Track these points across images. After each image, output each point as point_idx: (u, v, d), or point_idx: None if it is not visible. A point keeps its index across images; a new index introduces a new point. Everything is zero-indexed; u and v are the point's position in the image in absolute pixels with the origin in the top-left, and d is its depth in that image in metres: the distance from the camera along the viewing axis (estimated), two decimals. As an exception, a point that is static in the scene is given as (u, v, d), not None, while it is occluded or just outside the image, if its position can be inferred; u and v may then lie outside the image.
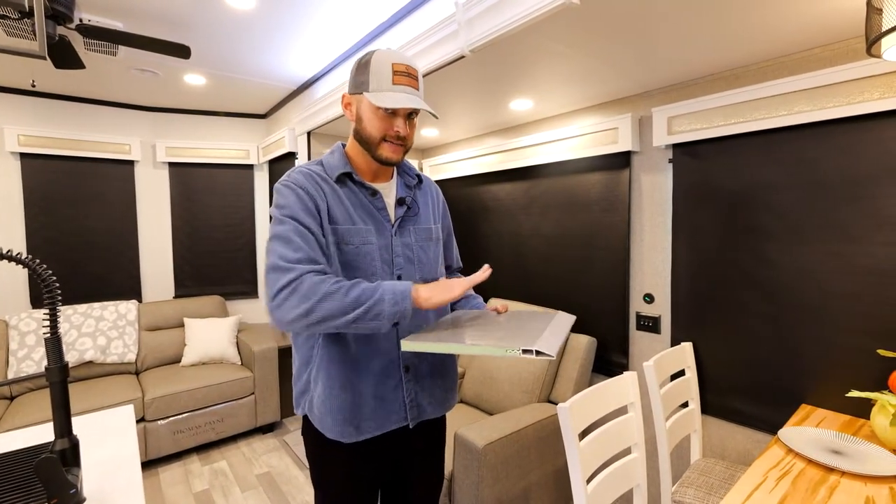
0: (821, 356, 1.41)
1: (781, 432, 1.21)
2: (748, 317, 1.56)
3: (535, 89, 1.80)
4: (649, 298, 1.85)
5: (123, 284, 3.02)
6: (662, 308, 1.82)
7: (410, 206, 1.09)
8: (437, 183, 2.94)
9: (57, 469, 0.76)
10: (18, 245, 2.68)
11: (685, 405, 1.68)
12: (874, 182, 1.29)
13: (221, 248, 3.31)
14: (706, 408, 1.69)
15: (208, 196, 3.27)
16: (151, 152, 3.10)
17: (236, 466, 2.49)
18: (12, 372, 2.39)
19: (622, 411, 1.31)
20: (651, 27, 1.24)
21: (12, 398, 2.43)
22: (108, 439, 1.16)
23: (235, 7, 1.75)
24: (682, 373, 1.66)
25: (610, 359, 1.99)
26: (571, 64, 1.52)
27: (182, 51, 1.87)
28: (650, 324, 1.85)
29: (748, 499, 0.96)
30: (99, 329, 2.66)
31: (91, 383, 2.54)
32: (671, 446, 1.48)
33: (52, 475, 0.75)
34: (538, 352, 0.75)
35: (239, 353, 2.96)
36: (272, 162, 3.28)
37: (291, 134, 2.77)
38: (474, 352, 0.80)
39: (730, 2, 1.10)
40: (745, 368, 1.58)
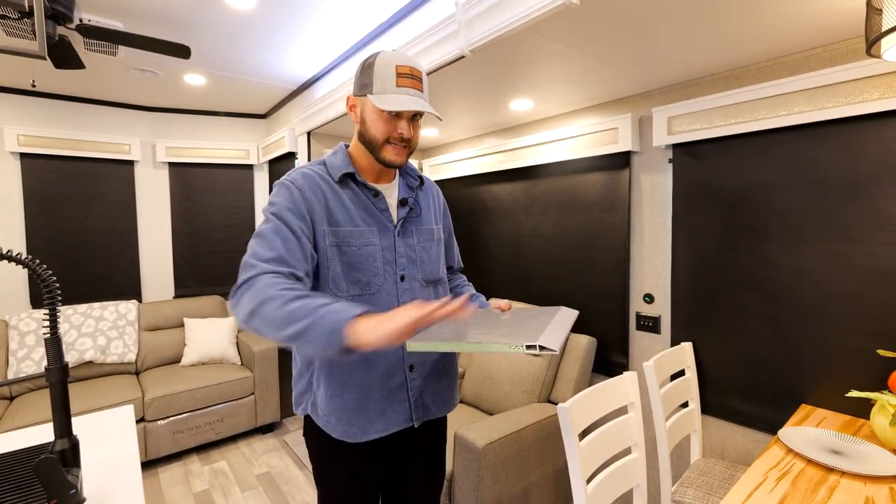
0: (821, 356, 1.41)
1: (781, 432, 1.21)
2: (748, 317, 1.56)
3: (535, 89, 1.80)
4: (649, 298, 1.85)
5: (123, 284, 3.02)
6: (662, 308, 1.82)
7: (413, 207, 1.09)
8: (437, 183, 2.93)
9: (57, 469, 0.76)
10: (18, 245, 2.68)
11: (685, 405, 1.68)
12: (874, 182, 1.29)
13: (221, 248, 3.31)
14: (706, 408, 1.69)
15: (208, 196, 3.26)
16: (151, 152, 3.10)
17: (236, 466, 2.49)
18: (12, 372, 2.39)
19: (622, 411, 1.31)
20: (651, 27, 1.24)
21: (12, 398, 2.43)
22: (108, 439, 1.16)
23: (235, 7, 1.75)
24: (682, 373, 1.66)
25: (610, 359, 1.99)
26: (571, 64, 1.52)
27: (182, 51, 1.87)
28: (650, 324, 1.85)
29: (748, 499, 0.96)
30: (99, 329, 2.66)
31: (91, 383, 2.54)
32: (671, 446, 1.48)
33: (52, 475, 0.75)
34: (542, 347, 0.75)
35: (239, 354, 2.96)
36: (272, 162, 3.28)
37: (291, 134, 2.77)
38: (479, 349, 0.81)
39: (730, 2, 1.10)
40: (745, 368, 1.58)
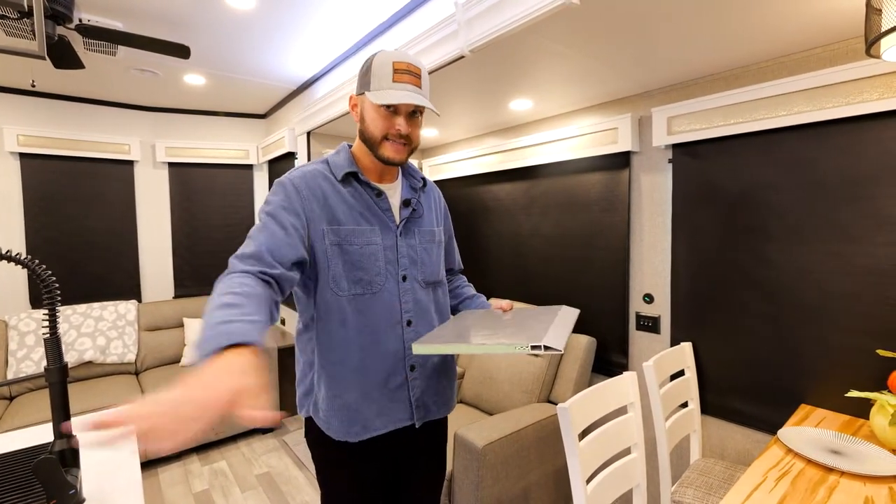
0: (820, 356, 1.41)
1: (781, 432, 1.21)
2: (748, 317, 1.56)
3: (535, 89, 1.80)
4: (649, 298, 1.85)
5: (123, 284, 3.02)
6: (662, 308, 1.82)
7: (416, 209, 1.09)
8: (437, 183, 2.94)
9: (56, 470, 0.76)
10: (18, 245, 2.68)
11: (685, 405, 1.68)
12: (874, 182, 1.29)
13: (221, 249, 3.31)
14: (706, 408, 1.69)
15: (208, 196, 3.26)
16: (151, 152, 3.10)
17: (236, 466, 2.49)
18: (11, 372, 2.39)
19: (622, 411, 1.31)
20: (651, 27, 1.24)
21: (11, 398, 2.43)
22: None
23: (235, 7, 1.75)
24: (682, 373, 1.66)
25: (610, 359, 1.99)
26: (571, 64, 1.52)
27: (182, 51, 1.87)
28: (650, 324, 1.85)
29: (748, 499, 0.96)
30: (98, 329, 2.66)
31: (90, 383, 2.53)
32: (671, 446, 1.48)
33: (52, 476, 0.75)
34: (547, 347, 0.76)
35: (239, 354, 2.96)
36: (272, 162, 3.28)
37: (291, 134, 2.77)
38: (484, 351, 0.81)
39: (730, 2, 1.10)
40: (745, 368, 1.58)
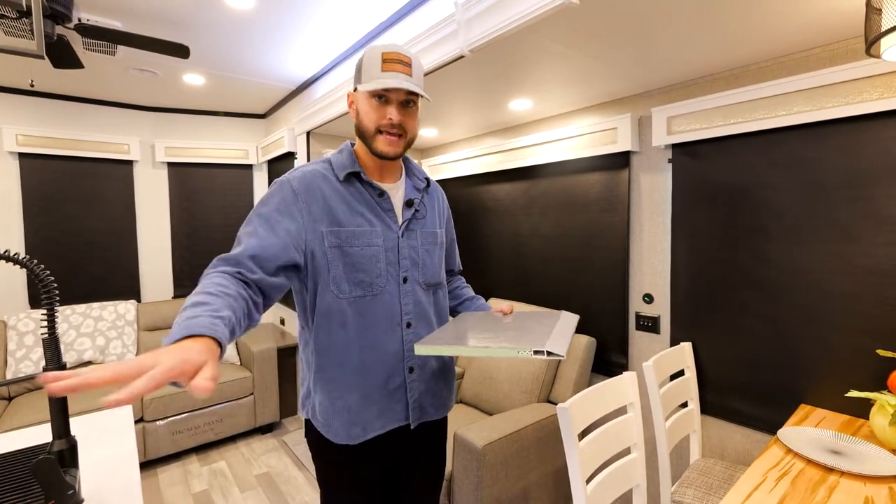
0: (820, 356, 1.41)
1: (781, 432, 1.21)
2: (748, 317, 1.56)
3: (535, 89, 1.80)
4: (649, 298, 1.85)
5: (122, 284, 3.01)
6: (662, 308, 1.82)
7: (418, 209, 1.08)
8: (437, 183, 2.93)
9: (55, 470, 0.75)
10: (17, 245, 2.68)
11: (684, 405, 1.68)
12: (873, 182, 1.29)
13: (221, 249, 3.30)
14: (705, 408, 1.69)
15: (207, 196, 3.26)
16: (150, 152, 3.10)
17: (235, 467, 2.49)
18: (10, 372, 2.38)
19: (622, 411, 1.31)
20: (651, 27, 1.24)
21: (10, 399, 2.42)
22: (107, 440, 1.16)
23: (234, 7, 1.74)
24: (682, 373, 1.66)
25: (609, 359, 1.99)
26: (571, 64, 1.52)
27: (181, 50, 1.86)
28: (649, 324, 1.85)
29: (747, 499, 0.96)
30: (98, 329, 2.66)
31: (90, 383, 2.53)
32: (671, 446, 1.48)
33: (50, 476, 0.75)
34: (550, 352, 0.76)
35: (238, 354, 2.96)
36: (271, 162, 3.28)
37: (291, 134, 2.77)
38: (486, 354, 0.82)
39: (730, 2, 1.10)
40: (745, 368, 1.58)
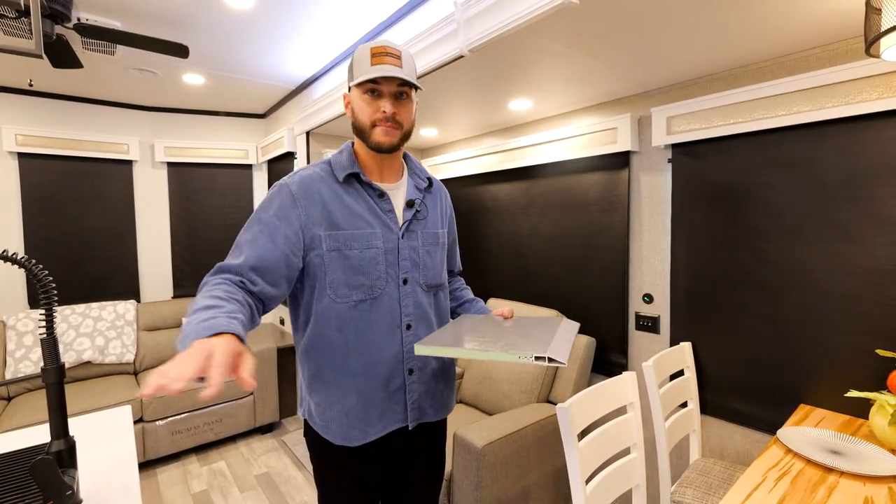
0: (820, 356, 1.41)
1: (780, 432, 1.21)
2: (747, 317, 1.56)
3: (534, 89, 1.80)
4: (648, 298, 1.85)
5: (122, 284, 3.01)
6: (661, 308, 1.81)
7: (419, 210, 1.07)
8: (440, 182, 2.93)
9: (53, 470, 0.75)
10: (16, 245, 2.68)
11: (684, 405, 1.68)
12: (873, 182, 1.29)
13: (220, 249, 3.30)
14: (705, 408, 1.69)
15: (207, 196, 3.26)
16: (150, 152, 3.09)
17: (235, 467, 2.48)
18: (10, 372, 2.38)
19: (621, 411, 1.31)
20: (651, 27, 1.24)
21: (9, 399, 2.42)
22: (106, 440, 1.16)
23: (234, 6, 1.74)
24: (682, 373, 1.66)
25: (609, 359, 1.99)
26: (571, 64, 1.52)
27: (180, 50, 1.86)
28: (649, 324, 1.85)
29: (747, 499, 0.96)
30: (97, 329, 2.65)
31: (89, 384, 2.53)
32: (670, 446, 1.48)
33: (48, 477, 0.75)
34: (551, 359, 0.76)
35: (238, 354, 2.95)
36: (271, 162, 3.28)
37: (290, 134, 2.77)
38: (488, 357, 0.82)
39: (730, 2, 1.10)
40: (745, 368, 1.58)
